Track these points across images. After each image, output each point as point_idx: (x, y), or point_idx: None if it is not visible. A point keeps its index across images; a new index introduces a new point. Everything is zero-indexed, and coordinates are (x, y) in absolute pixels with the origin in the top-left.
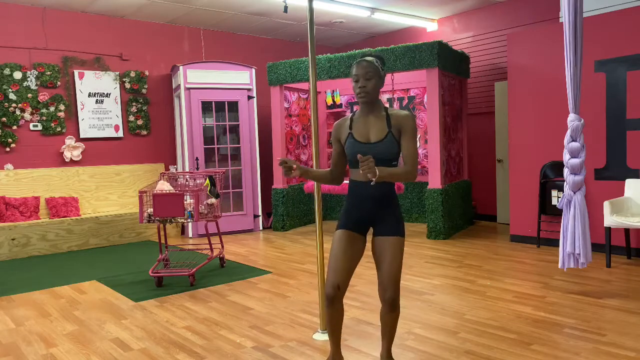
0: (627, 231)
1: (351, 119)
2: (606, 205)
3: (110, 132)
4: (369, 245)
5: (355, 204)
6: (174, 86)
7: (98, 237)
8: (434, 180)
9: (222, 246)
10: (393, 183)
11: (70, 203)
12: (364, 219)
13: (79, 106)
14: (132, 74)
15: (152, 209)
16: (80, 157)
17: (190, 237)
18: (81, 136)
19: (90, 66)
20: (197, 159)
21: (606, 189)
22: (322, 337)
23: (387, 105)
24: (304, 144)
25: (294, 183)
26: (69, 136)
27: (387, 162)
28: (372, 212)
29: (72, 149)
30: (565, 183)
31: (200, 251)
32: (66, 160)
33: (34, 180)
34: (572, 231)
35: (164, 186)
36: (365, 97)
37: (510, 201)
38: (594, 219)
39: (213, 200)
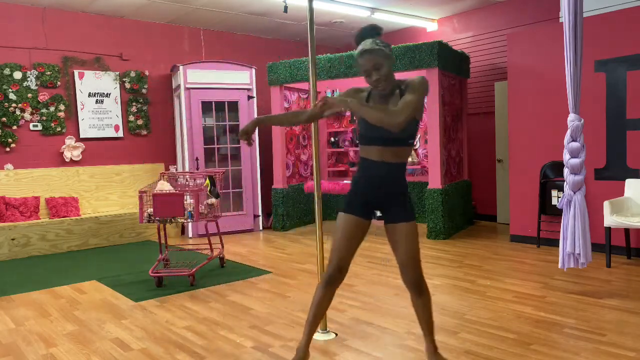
0: (627, 231)
1: (369, 93)
2: (606, 205)
3: (110, 132)
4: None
5: (364, 184)
6: (174, 86)
7: (98, 237)
8: (434, 180)
9: (222, 246)
10: (405, 167)
11: (70, 203)
12: (371, 202)
13: (79, 106)
14: (132, 74)
15: (152, 209)
16: (80, 157)
17: (190, 237)
18: (81, 136)
19: (90, 66)
20: (197, 159)
21: (606, 189)
22: (322, 337)
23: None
24: (304, 144)
25: (294, 183)
26: (69, 136)
27: (402, 141)
28: (380, 195)
29: (72, 149)
30: (565, 183)
31: (200, 251)
32: (66, 160)
33: (34, 180)
34: (572, 231)
35: (164, 186)
36: (385, 87)
37: (510, 201)
38: (594, 219)
39: (213, 200)
